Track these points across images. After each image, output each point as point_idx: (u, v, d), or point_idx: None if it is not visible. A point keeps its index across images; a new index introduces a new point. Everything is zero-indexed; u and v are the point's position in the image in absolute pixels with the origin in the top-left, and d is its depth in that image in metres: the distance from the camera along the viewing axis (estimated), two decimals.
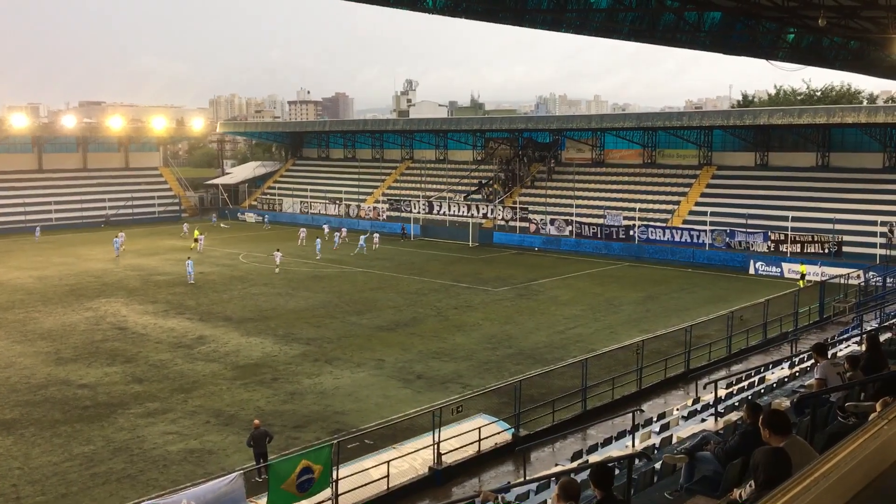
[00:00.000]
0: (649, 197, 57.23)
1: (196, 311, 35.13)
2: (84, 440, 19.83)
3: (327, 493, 14.69)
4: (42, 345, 29.35)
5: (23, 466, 18.24)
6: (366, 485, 15.65)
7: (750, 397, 15.23)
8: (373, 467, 16.17)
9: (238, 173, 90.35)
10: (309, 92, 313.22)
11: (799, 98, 78.32)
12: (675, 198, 56.60)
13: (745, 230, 49.14)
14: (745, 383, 18.91)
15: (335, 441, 15.56)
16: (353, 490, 15.25)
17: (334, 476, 14.67)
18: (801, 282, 40.45)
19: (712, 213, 51.09)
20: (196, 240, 55.05)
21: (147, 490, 16.67)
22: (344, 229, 60.08)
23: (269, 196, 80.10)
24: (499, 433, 18.68)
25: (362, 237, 54.61)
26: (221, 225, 66.88)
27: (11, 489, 17.04)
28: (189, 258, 44.50)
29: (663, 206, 55.96)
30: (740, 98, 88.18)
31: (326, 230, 61.42)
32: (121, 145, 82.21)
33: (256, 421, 18.41)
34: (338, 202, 72.74)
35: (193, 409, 22.10)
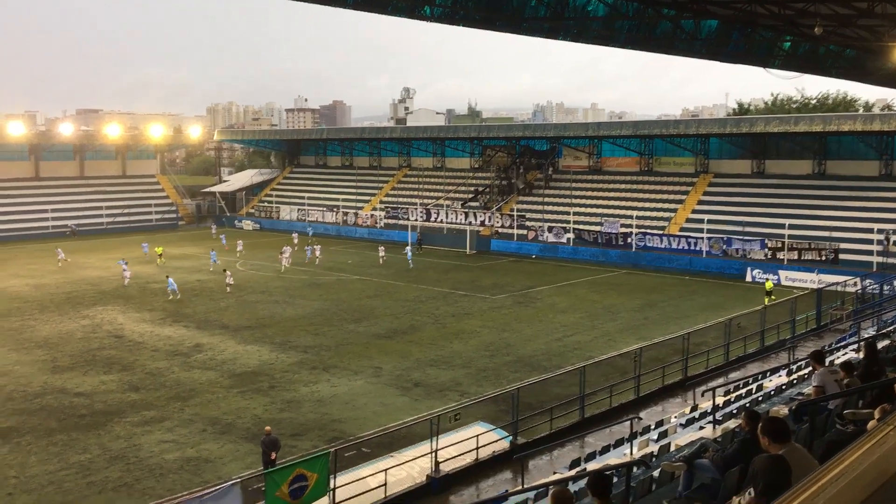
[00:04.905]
0: (646, 204, 57.29)
1: (193, 319, 35.06)
2: (80, 449, 19.75)
3: (325, 501, 14.64)
4: (39, 353, 29.26)
5: (19, 475, 18.15)
6: (363, 493, 15.60)
7: (748, 405, 15.21)
8: (370, 475, 16.11)
9: (235, 181, 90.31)
10: (307, 100, 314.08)
11: (794, 106, 78.55)
12: (672, 205, 56.67)
13: (741, 238, 49.19)
14: (743, 391, 18.89)
15: (332, 449, 15.52)
16: (350, 498, 15.19)
17: (332, 484, 14.63)
18: (766, 298, 37.24)
19: (709, 221, 51.16)
20: (160, 255, 51.91)
21: (143, 499, 16.60)
22: (289, 249, 53.06)
23: (266, 203, 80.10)
24: (497, 441, 18.63)
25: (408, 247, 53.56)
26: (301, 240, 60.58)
27: (7, 498, 16.95)
28: (168, 276, 41.61)
29: (660, 214, 56.02)
30: (736, 106, 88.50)
31: (297, 239, 61.08)
32: (118, 153, 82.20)
33: (267, 427, 18.44)
34: (335, 210, 72.75)
35: (190, 418, 22.03)
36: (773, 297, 37.67)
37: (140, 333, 32.31)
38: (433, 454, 16.90)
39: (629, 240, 53.54)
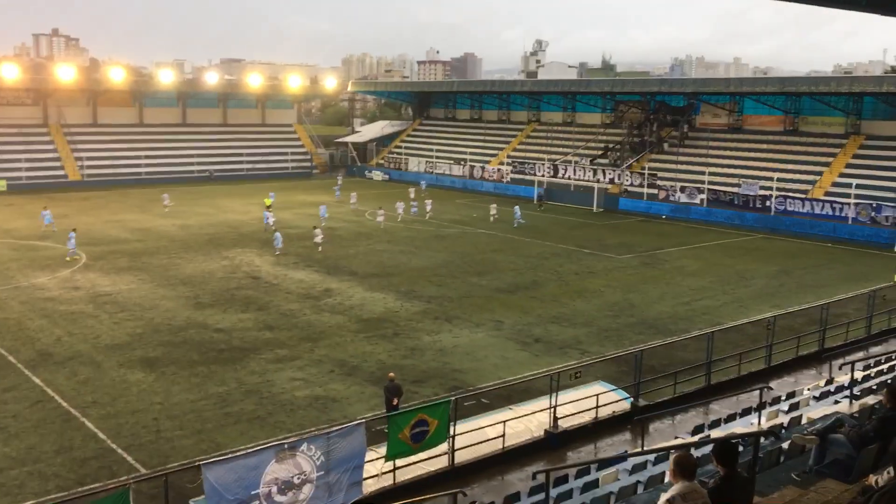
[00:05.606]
0: (789, 166, 54.33)
1: (324, 264, 36.35)
2: (219, 381, 21.04)
3: (444, 447, 15.02)
4: (183, 289, 31.21)
5: (163, 402, 19.57)
6: (482, 442, 15.90)
7: (890, 381, 14.37)
8: (489, 426, 16.37)
9: (367, 132, 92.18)
10: (438, 52, 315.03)
11: None
12: (818, 168, 53.51)
13: (893, 205, 45.92)
14: (885, 366, 17.84)
15: (453, 398, 15.84)
16: (468, 447, 15.53)
17: (451, 432, 14.97)
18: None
19: (858, 186, 47.99)
20: (269, 206, 50.61)
21: (275, 432, 17.55)
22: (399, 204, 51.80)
23: (395, 155, 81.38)
24: (617, 402, 18.48)
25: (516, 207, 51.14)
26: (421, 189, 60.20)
27: (153, 422, 18.33)
28: (276, 231, 40.59)
29: (804, 177, 53.03)
30: (895, 64, 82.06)
31: (412, 193, 58.45)
32: (258, 102, 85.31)
33: (391, 374, 19.03)
34: (462, 163, 73.03)
35: (319, 358, 23.00)
36: None
37: (275, 276, 33.84)
38: (552, 410, 16.96)
39: (768, 203, 51.09)
